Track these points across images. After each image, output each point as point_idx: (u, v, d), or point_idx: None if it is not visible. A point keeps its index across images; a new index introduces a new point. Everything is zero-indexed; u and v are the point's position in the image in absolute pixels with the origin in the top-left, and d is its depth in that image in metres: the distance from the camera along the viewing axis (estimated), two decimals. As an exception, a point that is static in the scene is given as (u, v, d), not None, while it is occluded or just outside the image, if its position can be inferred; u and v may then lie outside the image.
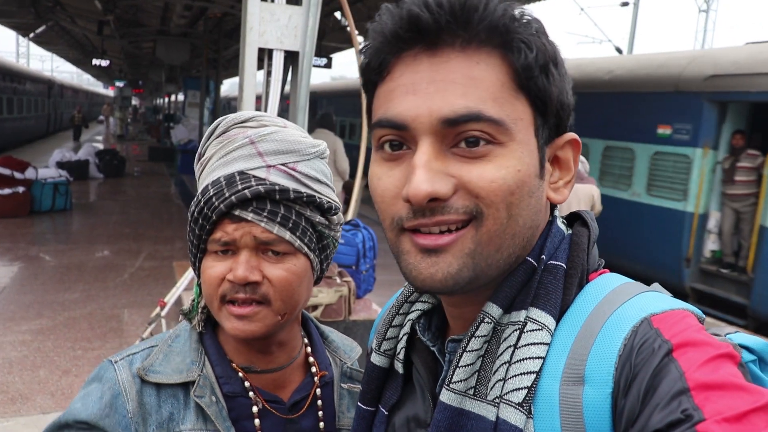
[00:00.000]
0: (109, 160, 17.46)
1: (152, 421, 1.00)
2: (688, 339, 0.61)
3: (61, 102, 37.50)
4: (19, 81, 25.20)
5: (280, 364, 1.12)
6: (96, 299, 6.95)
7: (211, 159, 1.05)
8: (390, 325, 0.87)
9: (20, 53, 59.31)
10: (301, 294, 1.05)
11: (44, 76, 33.27)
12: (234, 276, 0.98)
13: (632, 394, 0.61)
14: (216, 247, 1.01)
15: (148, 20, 18.15)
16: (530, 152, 0.71)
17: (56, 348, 5.61)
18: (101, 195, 14.63)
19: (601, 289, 0.72)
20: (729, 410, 0.55)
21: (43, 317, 6.34)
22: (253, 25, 5.38)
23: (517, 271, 0.74)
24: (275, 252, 1.01)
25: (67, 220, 11.39)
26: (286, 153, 1.02)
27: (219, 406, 1.03)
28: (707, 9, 23.65)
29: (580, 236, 0.78)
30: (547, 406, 0.67)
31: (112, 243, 9.63)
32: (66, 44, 27.66)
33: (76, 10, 16.53)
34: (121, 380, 1.01)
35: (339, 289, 5.54)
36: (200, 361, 1.07)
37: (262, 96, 6.10)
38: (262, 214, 0.98)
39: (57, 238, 9.96)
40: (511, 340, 0.70)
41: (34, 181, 11.51)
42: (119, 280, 7.73)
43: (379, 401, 0.89)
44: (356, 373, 1.23)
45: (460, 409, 0.71)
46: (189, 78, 25.46)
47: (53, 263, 8.36)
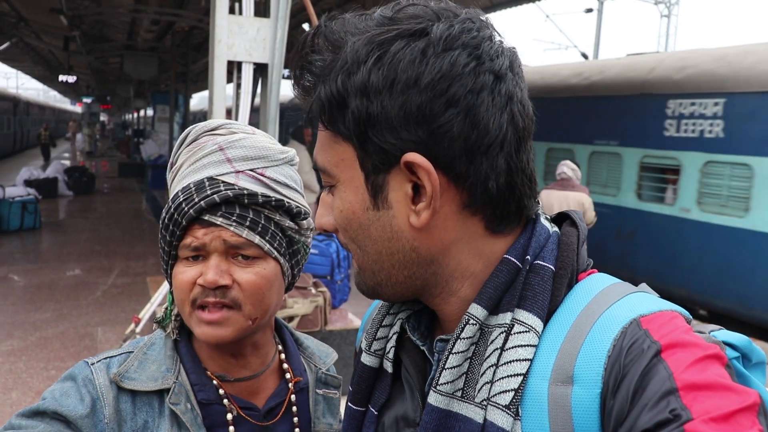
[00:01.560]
0: (79, 177, 17.18)
1: (127, 428, 1.01)
2: (676, 340, 0.62)
3: (28, 119, 36.83)
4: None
5: (254, 371, 1.13)
6: (68, 318, 6.84)
7: (182, 167, 1.07)
8: (380, 325, 0.88)
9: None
10: (272, 298, 1.06)
11: (9, 94, 32.68)
12: (204, 280, 1.00)
13: (621, 395, 0.61)
14: (187, 253, 1.02)
15: (115, 35, 17.97)
16: (354, 189, 0.75)
17: (29, 369, 5.51)
18: (71, 213, 14.38)
19: (590, 290, 0.73)
20: (716, 410, 0.56)
21: (14, 338, 6.21)
22: (222, 38, 5.38)
23: (499, 272, 0.74)
24: (245, 256, 1.02)
25: (36, 238, 11.18)
26: (255, 159, 1.05)
27: (194, 414, 1.04)
28: (668, 14, 24.19)
29: (569, 236, 0.78)
30: (536, 406, 0.68)
31: (84, 261, 9.48)
32: (31, 60, 27.21)
33: (40, 25, 16.29)
34: (98, 384, 1.01)
35: (314, 299, 5.54)
36: (175, 369, 1.07)
37: (233, 109, 6.10)
38: (231, 218, 1.00)
39: (26, 258, 9.78)
40: (498, 342, 0.71)
41: (2, 200, 11.28)
42: (92, 297, 7.61)
43: (369, 401, 0.89)
44: (331, 379, 1.24)
45: (447, 410, 0.72)
46: (157, 92, 25.23)
47: (23, 283, 8.20)
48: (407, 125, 0.69)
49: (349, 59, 0.70)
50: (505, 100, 0.71)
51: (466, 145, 0.69)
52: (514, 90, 0.72)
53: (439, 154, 0.70)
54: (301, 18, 10.70)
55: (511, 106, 0.72)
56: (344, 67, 0.70)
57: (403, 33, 0.69)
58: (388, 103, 0.69)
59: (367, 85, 0.69)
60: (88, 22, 15.24)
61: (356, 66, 0.69)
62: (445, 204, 0.72)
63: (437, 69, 0.68)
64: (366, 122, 0.70)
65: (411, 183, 0.71)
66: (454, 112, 0.68)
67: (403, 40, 0.69)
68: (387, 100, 0.69)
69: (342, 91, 0.70)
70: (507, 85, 0.71)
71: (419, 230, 0.73)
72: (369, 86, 0.69)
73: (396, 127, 0.69)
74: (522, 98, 0.74)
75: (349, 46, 0.71)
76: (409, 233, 0.74)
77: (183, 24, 14.55)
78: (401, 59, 0.68)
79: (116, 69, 24.27)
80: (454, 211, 0.73)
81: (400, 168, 0.71)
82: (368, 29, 0.71)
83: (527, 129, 0.75)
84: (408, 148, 0.70)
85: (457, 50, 0.69)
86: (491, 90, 0.70)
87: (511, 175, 0.73)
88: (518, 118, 0.73)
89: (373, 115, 0.69)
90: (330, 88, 0.71)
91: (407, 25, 0.70)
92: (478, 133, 0.69)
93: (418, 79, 0.68)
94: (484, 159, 0.70)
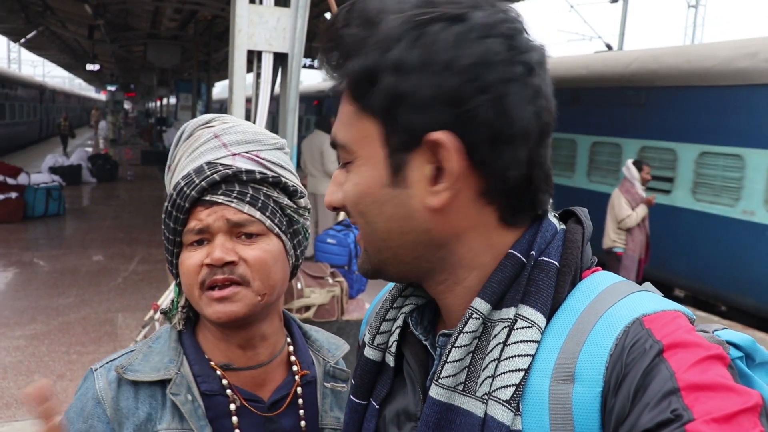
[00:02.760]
0: (102, 164, 17.42)
1: (129, 424, 1.02)
2: (678, 340, 0.62)
3: (53, 107, 37.38)
4: (10, 87, 25.12)
5: (260, 361, 1.14)
6: (90, 303, 6.96)
7: (180, 161, 1.11)
8: (384, 319, 0.88)
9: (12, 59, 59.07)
10: (277, 274, 1.07)
11: (36, 82, 33.13)
12: (211, 258, 1.02)
13: (622, 394, 0.61)
14: (191, 238, 1.05)
15: (139, 24, 18.10)
16: (374, 165, 0.74)
17: (50, 353, 5.62)
18: (94, 199, 14.60)
19: (593, 288, 0.73)
20: (718, 411, 0.56)
21: (37, 322, 6.34)
22: (242, 28, 5.40)
23: (504, 266, 0.74)
24: (248, 234, 1.04)
25: (60, 225, 11.37)
26: (249, 142, 1.09)
27: (195, 405, 1.05)
28: (696, 5, 23.76)
29: (574, 233, 0.78)
30: (537, 403, 0.68)
31: (106, 247, 9.62)
32: (57, 49, 27.55)
33: (66, 14, 16.48)
34: (99, 388, 1.05)
35: (331, 289, 5.57)
36: (178, 360, 1.09)
37: (252, 98, 6.13)
38: (231, 195, 1.03)
39: (50, 243, 9.95)
40: (501, 337, 0.71)
41: (27, 187, 11.48)
42: (113, 284, 7.73)
43: (371, 395, 0.89)
44: (339, 372, 1.24)
45: (448, 404, 0.73)
46: (180, 81, 25.38)
47: (47, 268, 8.35)
48: (436, 106, 0.69)
49: (385, 36, 0.70)
50: (533, 94, 0.71)
51: (491, 133, 0.70)
52: (541, 85, 0.73)
53: (464, 138, 0.70)
54: (322, 8, 10.69)
55: (538, 100, 0.72)
56: (379, 43, 0.70)
57: (443, 16, 0.70)
58: (420, 82, 0.69)
59: (401, 62, 0.69)
60: (112, 11, 15.37)
61: (392, 43, 0.70)
62: (464, 189, 0.73)
63: (473, 54, 0.68)
64: (395, 99, 0.70)
65: (432, 164, 0.72)
66: (483, 98, 0.68)
67: (441, 22, 0.69)
68: (420, 79, 0.69)
69: (374, 67, 0.70)
70: (536, 78, 0.72)
71: (435, 212, 0.73)
72: (403, 64, 0.69)
73: (425, 107, 0.70)
74: (547, 94, 0.74)
75: (386, 23, 0.71)
76: (424, 214, 0.74)
77: (206, 13, 14.60)
78: (438, 41, 0.69)
79: (140, 57, 24.49)
80: (471, 197, 0.73)
81: (423, 148, 0.71)
82: (406, 9, 0.72)
83: (549, 125, 0.75)
84: (434, 128, 0.70)
85: (493, 38, 0.69)
86: (522, 81, 0.70)
87: (530, 168, 0.73)
88: (543, 113, 0.73)
89: (404, 93, 0.70)
90: (362, 62, 0.71)
91: (446, 8, 0.70)
92: (504, 122, 0.69)
93: (453, 62, 0.68)
94: (507, 148, 0.71)
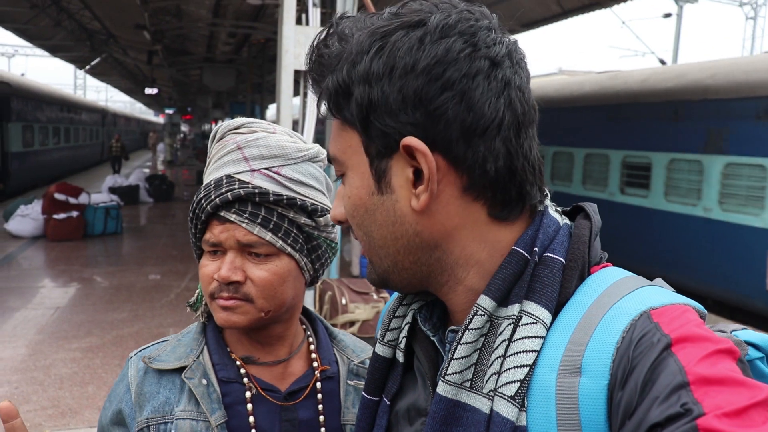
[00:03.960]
0: (159, 184, 18.00)
1: (148, 407, 1.09)
2: (687, 334, 0.62)
3: (114, 130, 38.91)
4: (75, 111, 26.31)
5: (280, 357, 1.18)
6: (143, 319, 7.17)
7: (211, 162, 1.15)
8: (393, 316, 0.89)
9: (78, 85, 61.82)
10: (285, 293, 1.10)
11: (98, 106, 34.61)
12: (218, 276, 1.06)
13: (629, 387, 0.61)
14: (208, 248, 1.10)
15: (195, 48, 18.75)
16: (361, 174, 0.78)
17: (104, 365, 5.81)
18: (150, 219, 15.08)
19: (602, 282, 0.73)
20: (729, 405, 0.55)
21: (93, 335, 6.57)
22: (289, 48, 5.54)
23: (508, 263, 0.74)
24: (257, 254, 1.08)
25: (117, 243, 11.77)
26: (271, 158, 1.10)
27: (210, 389, 1.10)
28: (755, 16, 23.07)
29: (581, 229, 0.78)
30: (543, 397, 0.67)
31: (160, 265, 9.91)
32: (119, 74, 28.79)
33: (127, 41, 17.23)
34: (130, 375, 1.14)
35: (376, 305, 5.59)
36: (198, 349, 1.15)
37: (299, 118, 6.25)
38: (243, 216, 1.06)
39: (108, 261, 10.31)
40: (506, 333, 0.71)
41: (87, 206, 11.97)
42: (165, 300, 7.96)
43: (383, 391, 0.90)
44: (362, 370, 1.25)
45: (455, 401, 0.73)
46: (235, 103, 26.12)
47: (104, 284, 8.66)
48: (405, 109, 0.71)
49: (354, 50, 0.74)
50: (502, 86, 0.72)
51: (463, 128, 0.71)
52: (511, 77, 0.73)
53: (437, 137, 0.72)
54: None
55: (508, 91, 0.73)
56: (349, 58, 0.74)
57: (404, 24, 0.73)
58: (387, 88, 0.72)
59: (369, 72, 0.72)
60: (169, 37, 15.99)
61: (360, 56, 0.73)
62: (446, 188, 0.74)
63: (433, 54, 0.70)
64: (368, 108, 0.73)
65: (412, 168, 0.74)
66: (449, 95, 0.70)
67: (402, 30, 0.72)
68: (386, 86, 0.72)
69: (347, 80, 0.74)
70: (504, 71, 0.73)
71: (420, 214, 0.75)
72: (370, 74, 0.72)
73: (395, 111, 0.72)
74: (521, 85, 0.75)
75: (354, 38, 0.75)
76: (411, 217, 0.75)
77: (258, 36, 15.04)
78: (400, 47, 0.71)
79: (196, 81, 25.32)
80: (456, 195, 0.74)
81: (401, 153, 0.73)
82: (374, 24, 0.75)
83: (528, 115, 0.75)
84: (407, 131, 0.72)
85: (453, 37, 0.71)
86: (487, 75, 0.71)
87: (510, 159, 0.73)
88: (516, 104, 0.74)
89: (374, 101, 0.72)
90: (336, 78, 0.75)
91: (408, 17, 0.74)
92: (473, 116, 0.71)
93: (415, 64, 0.71)
94: (481, 142, 0.72)
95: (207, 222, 1.09)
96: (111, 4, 13.59)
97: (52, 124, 21.96)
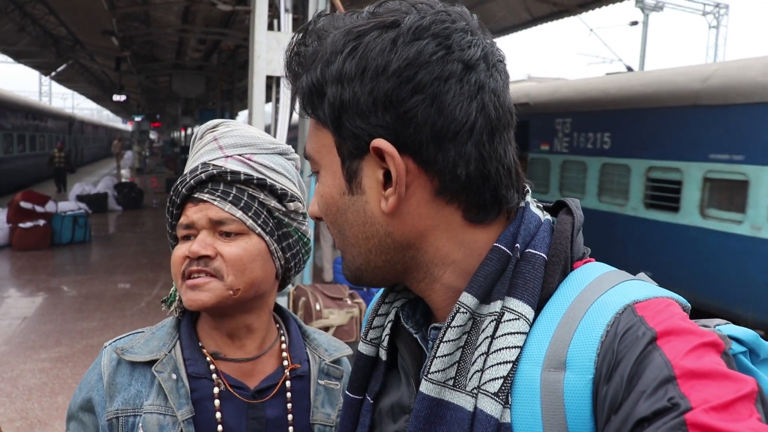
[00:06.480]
0: (128, 192, 17.73)
1: (119, 398, 1.11)
2: (672, 327, 0.62)
3: (81, 138, 38.22)
4: (41, 118, 25.78)
5: (250, 354, 1.19)
6: (113, 327, 7.04)
7: (190, 157, 1.20)
8: (376, 314, 0.89)
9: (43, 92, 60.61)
10: (254, 272, 1.12)
11: (64, 113, 33.93)
12: (189, 251, 1.09)
13: (615, 381, 0.61)
14: (182, 232, 1.13)
15: (164, 55, 18.54)
16: (333, 174, 0.78)
17: (74, 375, 5.69)
18: (119, 227, 14.84)
19: (585, 277, 0.72)
20: (715, 399, 0.55)
21: (62, 345, 6.44)
22: (261, 54, 5.52)
23: (489, 260, 0.74)
24: (228, 233, 1.11)
25: (86, 251, 11.56)
26: (244, 146, 1.15)
27: (178, 384, 1.11)
28: (717, 25, 23.66)
29: (563, 224, 0.78)
30: (528, 393, 0.67)
31: (130, 273, 9.76)
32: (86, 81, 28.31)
33: (94, 47, 16.96)
34: (102, 364, 1.16)
35: (350, 310, 5.58)
36: (171, 344, 1.17)
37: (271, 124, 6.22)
38: (215, 194, 1.11)
39: (76, 269, 10.11)
40: (489, 330, 0.71)
41: (54, 214, 11.73)
42: (136, 308, 7.84)
43: (366, 390, 0.89)
44: (333, 370, 1.26)
45: (439, 399, 0.72)
46: (204, 110, 25.85)
47: (72, 293, 8.49)
48: (376, 111, 0.71)
49: (329, 49, 0.74)
50: (475, 90, 0.72)
51: (433, 131, 0.71)
52: (486, 80, 0.73)
53: (407, 140, 0.71)
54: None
55: (482, 95, 0.72)
56: (324, 58, 0.74)
57: (378, 25, 0.72)
58: (358, 89, 0.71)
59: (341, 73, 0.72)
60: (138, 43, 15.79)
61: (334, 56, 0.73)
62: (417, 190, 0.74)
63: (404, 57, 0.70)
64: (340, 108, 0.73)
65: (382, 170, 0.74)
66: (419, 99, 0.70)
67: (376, 31, 0.72)
68: (358, 87, 0.71)
69: (321, 80, 0.74)
70: (478, 75, 0.72)
71: (391, 216, 0.75)
72: (343, 74, 0.72)
73: (366, 113, 0.72)
74: (496, 89, 0.74)
75: (330, 37, 0.75)
76: (381, 219, 0.75)
77: (228, 43, 14.93)
78: (372, 48, 0.71)
79: (165, 87, 25.02)
80: (427, 198, 0.74)
81: (372, 154, 0.73)
82: (350, 23, 0.75)
83: (502, 119, 0.75)
84: (377, 133, 0.72)
85: (425, 39, 0.71)
86: (459, 78, 0.71)
87: (483, 162, 0.73)
88: (490, 108, 0.73)
89: (346, 102, 0.72)
90: (311, 77, 0.75)
91: (383, 18, 0.73)
92: (444, 120, 0.70)
93: (386, 66, 0.70)
94: (452, 146, 0.71)
95: (182, 206, 1.13)
96: (77, 10, 13.37)
97: (16, 132, 21.51)
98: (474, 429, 0.69)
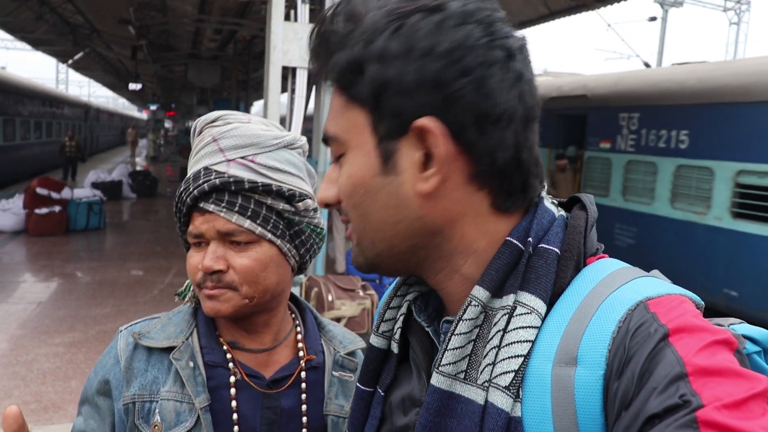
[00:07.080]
0: (142, 180, 17.86)
1: (136, 383, 1.11)
2: (684, 324, 0.61)
3: (97, 125, 38.47)
4: (57, 106, 25.97)
5: (265, 346, 1.19)
6: (126, 314, 7.11)
7: (192, 155, 1.17)
8: (388, 307, 0.89)
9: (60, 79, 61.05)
10: (268, 278, 1.12)
11: (81, 101, 34.17)
12: (202, 266, 1.09)
13: (626, 377, 0.60)
14: (192, 240, 1.12)
15: (180, 44, 18.60)
16: (365, 154, 0.76)
17: (87, 360, 5.76)
18: (133, 214, 14.96)
19: (598, 273, 0.72)
20: (728, 397, 0.55)
21: (76, 331, 6.52)
22: (277, 44, 5.52)
23: (502, 254, 0.74)
24: (238, 242, 1.10)
25: (100, 238, 11.66)
26: (245, 147, 1.11)
27: (195, 372, 1.12)
28: (738, 22, 23.38)
29: (577, 219, 0.77)
30: (538, 388, 0.67)
31: (144, 260, 9.84)
32: (102, 69, 28.48)
33: (111, 36, 17.06)
34: (119, 348, 1.16)
35: (362, 302, 5.60)
36: (188, 331, 1.17)
37: (287, 115, 6.23)
38: (221, 205, 1.09)
39: (90, 256, 10.20)
40: (501, 324, 0.71)
41: (70, 201, 11.85)
42: (149, 296, 7.91)
43: (377, 382, 0.89)
44: (348, 362, 1.26)
45: (449, 392, 0.72)
46: (220, 100, 25.90)
47: (87, 280, 8.58)
48: (421, 90, 0.71)
49: (368, 29, 0.73)
50: (516, 78, 0.73)
51: (477, 115, 0.71)
52: (523, 70, 0.74)
53: (451, 121, 0.71)
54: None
55: (521, 84, 0.73)
56: (363, 36, 0.73)
57: (422, 7, 0.72)
58: (403, 68, 0.71)
59: (385, 51, 0.71)
60: (154, 32, 15.86)
61: (376, 35, 0.72)
62: (454, 173, 0.73)
63: (452, 39, 0.70)
64: (381, 86, 0.72)
65: (421, 151, 0.73)
66: (466, 81, 0.70)
67: (421, 13, 0.72)
68: (403, 66, 0.71)
69: (360, 58, 0.73)
70: (517, 63, 0.73)
71: (426, 198, 0.74)
72: (386, 53, 0.71)
73: (410, 92, 0.71)
74: (530, 79, 0.75)
75: (369, 17, 0.74)
76: (415, 201, 0.74)
77: (244, 33, 14.95)
78: (418, 29, 0.71)
79: (181, 77, 25.11)
80: (462, 182, 0.74)
81: (411, 134, 0.72)
82: (387, 5, 0.74)
83: (534, 110, 0.76)
84: (420, 113, 0.71)
85: (471, 24, 0.71)
86: (502, 65, 0.71)
87: (518, 150, 0.74)
88: (527, 97, 0.74)
89: (389, 80, 0.71)
90: (347, 54, 0.74)
91: (425, 1, 0.73)
92: (488, 104, 0.71)
93: (433, 47, 0.70)
94: (493, 130, 0.71)
95: (189, 214, 1.12)
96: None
97: (33, 119, 21.69)
98: (484, 422, 0.69)
